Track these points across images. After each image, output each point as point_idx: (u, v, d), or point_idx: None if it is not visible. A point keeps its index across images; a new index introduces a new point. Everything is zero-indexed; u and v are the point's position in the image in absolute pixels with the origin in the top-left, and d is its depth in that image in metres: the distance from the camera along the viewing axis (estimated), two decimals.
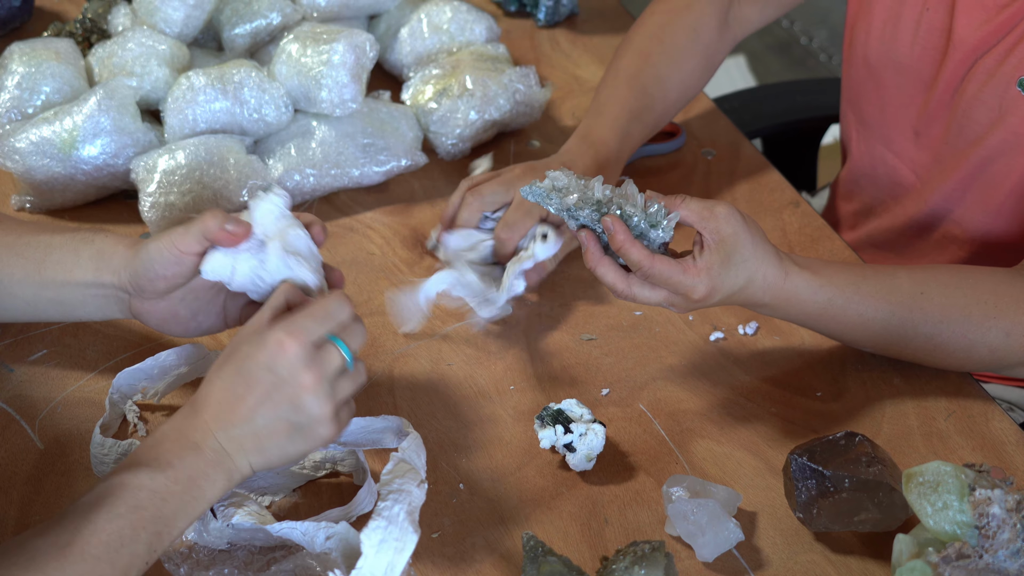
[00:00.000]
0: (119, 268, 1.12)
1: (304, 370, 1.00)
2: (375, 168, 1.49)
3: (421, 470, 1.09)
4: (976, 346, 1.21)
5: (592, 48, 1.74)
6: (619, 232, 1.12)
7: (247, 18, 1.56)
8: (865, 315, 1.20)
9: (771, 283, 1.17)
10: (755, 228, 1.16)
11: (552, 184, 1.14)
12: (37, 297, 1.15)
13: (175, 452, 0.99)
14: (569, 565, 1.04)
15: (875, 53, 1.47)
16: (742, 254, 1.14)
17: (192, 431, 1.00)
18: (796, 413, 1.24)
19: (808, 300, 1.19)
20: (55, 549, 0.92)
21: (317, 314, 1.02)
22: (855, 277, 1.20)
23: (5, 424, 1.21)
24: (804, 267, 1.18)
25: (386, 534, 1.02)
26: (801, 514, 1.10)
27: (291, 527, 1.06)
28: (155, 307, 1.14)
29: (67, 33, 1.62)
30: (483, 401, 1.25)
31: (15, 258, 1.15)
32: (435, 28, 1.63)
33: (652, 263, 1.12)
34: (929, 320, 1.20)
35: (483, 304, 1.29)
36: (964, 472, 1.02)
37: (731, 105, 1.91)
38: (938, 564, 0.99)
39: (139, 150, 1.43)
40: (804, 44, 3.62)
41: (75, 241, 1.15)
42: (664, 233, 1.14)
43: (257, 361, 1.00)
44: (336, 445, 1.14)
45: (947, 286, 1.21)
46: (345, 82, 1.46)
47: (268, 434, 1.00)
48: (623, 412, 1.24)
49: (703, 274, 1.13)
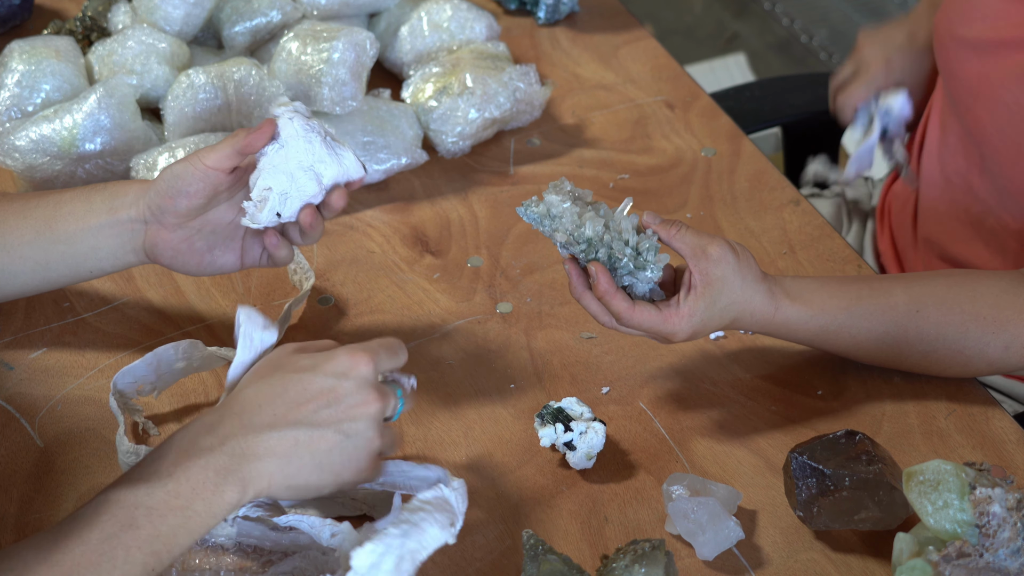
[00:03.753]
0: (136, 199, 1.14)
1: (372, 388, 0.98)
2: (375, 166, 1.49)
3: (458, 516, 1.02)
4: (973, 360, 1.21)
5: (592, 46, 1.74)
6: (602, 282, 1.12)
7: (247, 16, 1.56)
8: (858, 337, 1.20)
9: (759, 319, 1.17)
10: (746, 265, 1.15)
11: (547, 210, 1.13)
12: (48, 255, 1.16)
13: (178, 462, 0.93)
14: (569, 563, 1.04)
15: (952, 36, 1.45)
16: (729, 297, 1.14)
17: (206, 435, 0.95)
18: (796, 411, 1.24)
19: (800, 330, 1.19)
20: (45, 565, 0.89)
21: (391, 346, 1.02)
22: (848, 301, 1.19)
23: (5, 422, 1.21)
24: (795, 298, 1.18)
25: (379, 560, 0.96)
26: (801, 512, 1.10)
27: (299, 519, 1.04)
28: (172, 236, 1.15)
29: (67, 31, 1.62)
30: (483, 399, 1.25)
31: (24, 220, 1.16)
32: (435, 26, 1.63)
33: (632, 315, 1.12)
34: (925, 338, 1.20)
35: None
36: (964, 471, 1.02)
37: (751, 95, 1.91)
38: (938, 563, 0.99)
39: (139, 148, 1.43)
40: (804, 43, 3.62)
41: (86, 191, 1.17)
42: (652, 274, 1.13)
43: (324, 370, 0.97)
44: (373, 486, 1.09)
45: (944, 302, 1.20)
46: (345, 80, 1.46)
47: (309, 445, 0.96)
48: (623, 410, 1.24)
49: (684, 320, 1.13)
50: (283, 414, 0.95)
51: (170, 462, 0.93)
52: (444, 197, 1.50)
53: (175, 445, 0.95)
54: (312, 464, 0.96)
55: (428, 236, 1.44)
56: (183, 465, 0.93)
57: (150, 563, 0.91)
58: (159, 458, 0.94)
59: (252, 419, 0.95)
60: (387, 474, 1.10)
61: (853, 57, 1.58)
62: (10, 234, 1.17)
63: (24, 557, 0.90)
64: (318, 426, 0.96)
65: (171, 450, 0.95)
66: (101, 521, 0.91)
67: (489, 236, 1.44)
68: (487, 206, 1.48)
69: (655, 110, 1.63)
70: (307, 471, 0.96)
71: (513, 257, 1.41)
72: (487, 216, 1.47)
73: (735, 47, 3.53)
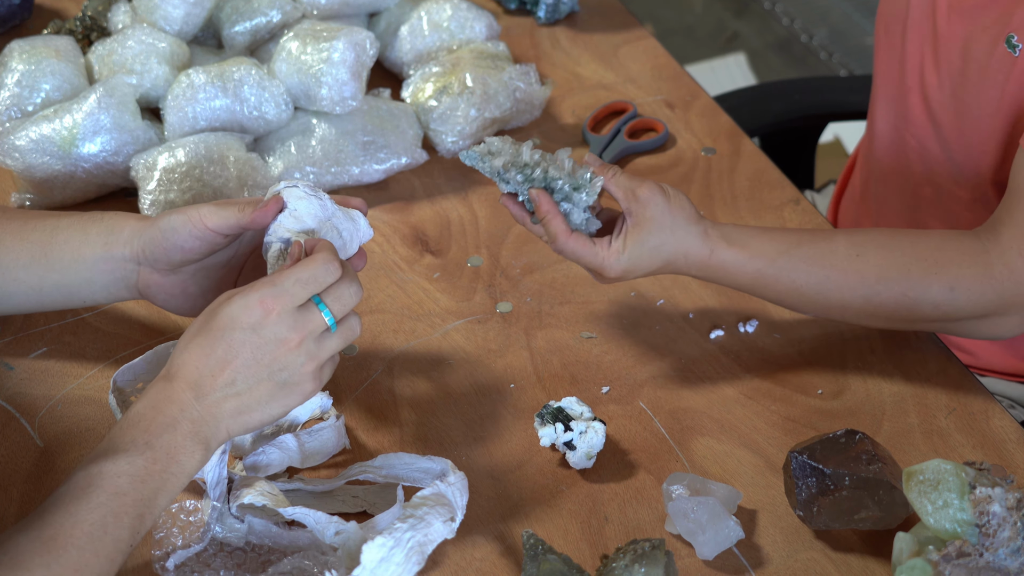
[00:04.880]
0: (131, 238, 1.14)
1: (288, 330, 1.01)
2: (375, 166, 1.49)
3: (458, 510, 1.07)
4: (919, 304, 1.20)
5: (592, 46, 1.74)
6: (543, 203, 1.17)
7: (247, 16, 1.56)
8: (798, 281, 1.20)
9: (694, 260, 1.20)
10: (678, 207, 1.19)
11: (487, 148, 1.18)
12: (42, 281, 1.16)
13: (152, 431, 0.99)
14: (569, 563, 1.04)
15: (888, 14, 1.46)
16: (659, 237, 1.18)
17: (168, 405, 1.00)
18: (796, 411, 1.24)
19: (737, 273, 1.20)
20: (39, 544, 0.92)
21: (302, 276, 1.02)
22: (787, 244, 1.20)
23: (5, 422, 1.21)
24: (732, 241, 1.20)
25: (389, 554, 1.00)
26: (801, 512, 1.10)
27: (304, 512, 1.05)
28: (165, 280, 1.15)
29: (67, 31, 1.62)
30: (483, 399, 1.25)
31: (21, 243, 1.16)
32: (435, 26, 1.63)
33: (567, 240, 1.17)
34: (866, 281, 1.20)
35: None
36: (964, 470, 1.02)
37: (731, 104, 1.90)
38: (938, 562, 0.99)
39: (139, 148, 1.43)
40: (804, 42, 3.62)
41: (83, 220, 1.16)
42: (588, 196, 1.17)
43: (241, 325, 1.01)
44: (377, 477, 1.13)
45: (885, 247, 1.21)
46: (345, 80, 1.46)
47: (250, 396, 1.01)
48: (623, 410, 1.24)
49: (614, 256, 1.17)
50: (222, 375, 1.01)
51: (144, 431, 0.99)
52: (444, 197, 1.50)
53: (143, 416, 1.00)
54: (259, 407, 1.02)
55: (428, 236, 1.44)
56: (156, 434, 0.99)
57: (135, 526, 0.97)
58: (130, 427, 0.99)
59: (197, 384, 1.00)
60: (390, 467, 1.12)
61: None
62: (7, 255, 1.17)
63: (16, 541, 0.93)
64: (255, 375, 1.01)
65: (140, 420, 0.99)
66: (88, 493, 0.95)
67: (489, 236, 1.44)
68: (487, 206, 1.48)
69: (655, 110, 1.63)
70: (257, 414, 1.02)
71: (513, 257, 1.41)
72: (487, 216, 1.47)
73: (735, 47, 3.53)
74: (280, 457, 1.15)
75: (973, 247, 1.21)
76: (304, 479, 1.15)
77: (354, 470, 1.14)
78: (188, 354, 1.01)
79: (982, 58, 1.34)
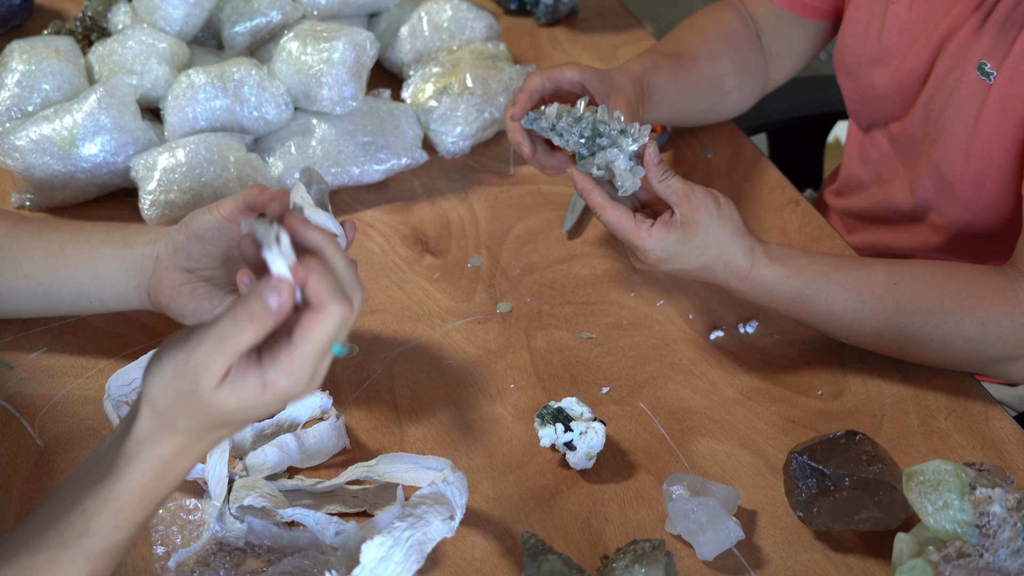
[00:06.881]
0: (155, 238, 1.17)
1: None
2: (375, 166, 1.49)
3: (457, 509, 1.06)
4: (951, 337, 1.21)
5: (592, 46, 1.74)
6: (580, 179, 1.19)
7: (247, 16, 1.56)
8: (835, 305, 1.22)
9: (734, 271, 1.21)
10: (727, 217, 1.20)
11: (544, 109, 1.25)
12: (54, 277, 1.19)
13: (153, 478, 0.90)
14: (569, 563, 1.04)
15: (850, 53, 1.47)
16: (704, 240, 1.19)
17: (170, 436, 0.89)
18: (796, 411, 1.24)
19: (775, 290, 1.22)
20: None
21: (294, 371, 0.87)
22: (827, 268, 1.22)
23: (5, 422, 1.21)
24: (774, 259, 1.21)
25: (388, 553, 1.00)
26: (801, 513, 1.10)
27: (304, 513, 1.06)
28: (177, 277, 1.17)
29: (67, 31, 1.62)
30: (483, 399, 1.25)
31: (40, 240, 1.20)
32: (435, 26, 1.63)
33: (605, 208, 1.18)
34: (901, 310, 1.21)
35: None
36: (964, 471, 1.02)
37: None
38: (938, 563, 0.99)
39: (139, 148, 1.43)
40: None
41: (107, 224, 1.21)
42: (635, 141, 1.19)
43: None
44: (377, 477, 1.13)
45: (921, 278, 1.22)
46: (345, 80, 1.46)
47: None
48: (623, 410, 1.24)
49: (654, 240, 1.18)
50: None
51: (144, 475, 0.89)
52: (444, 197, 1.50)
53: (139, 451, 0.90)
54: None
55: (428, 236, 1.44)
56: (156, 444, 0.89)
57: (136, 533, 0.91)
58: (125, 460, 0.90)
59: (207, 415, 0.90)
60: (390, 467, 1.12)
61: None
62: (21, 252, 1.19)
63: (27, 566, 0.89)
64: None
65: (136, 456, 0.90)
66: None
67: (489, 236, 1.44)
68: (487, 206, 1.48)
69: None
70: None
71: (513, 257, 1.41)
72: (487, 216, 1.47)
73: None
74: (280, 457, 1.15)
75: (1003, 284, 1.22)
76: (304, 479, 1.15)
77: (354, 470, 1.14)
78: (181, 419, 0.89)
79: (951, 85, 1.35)
